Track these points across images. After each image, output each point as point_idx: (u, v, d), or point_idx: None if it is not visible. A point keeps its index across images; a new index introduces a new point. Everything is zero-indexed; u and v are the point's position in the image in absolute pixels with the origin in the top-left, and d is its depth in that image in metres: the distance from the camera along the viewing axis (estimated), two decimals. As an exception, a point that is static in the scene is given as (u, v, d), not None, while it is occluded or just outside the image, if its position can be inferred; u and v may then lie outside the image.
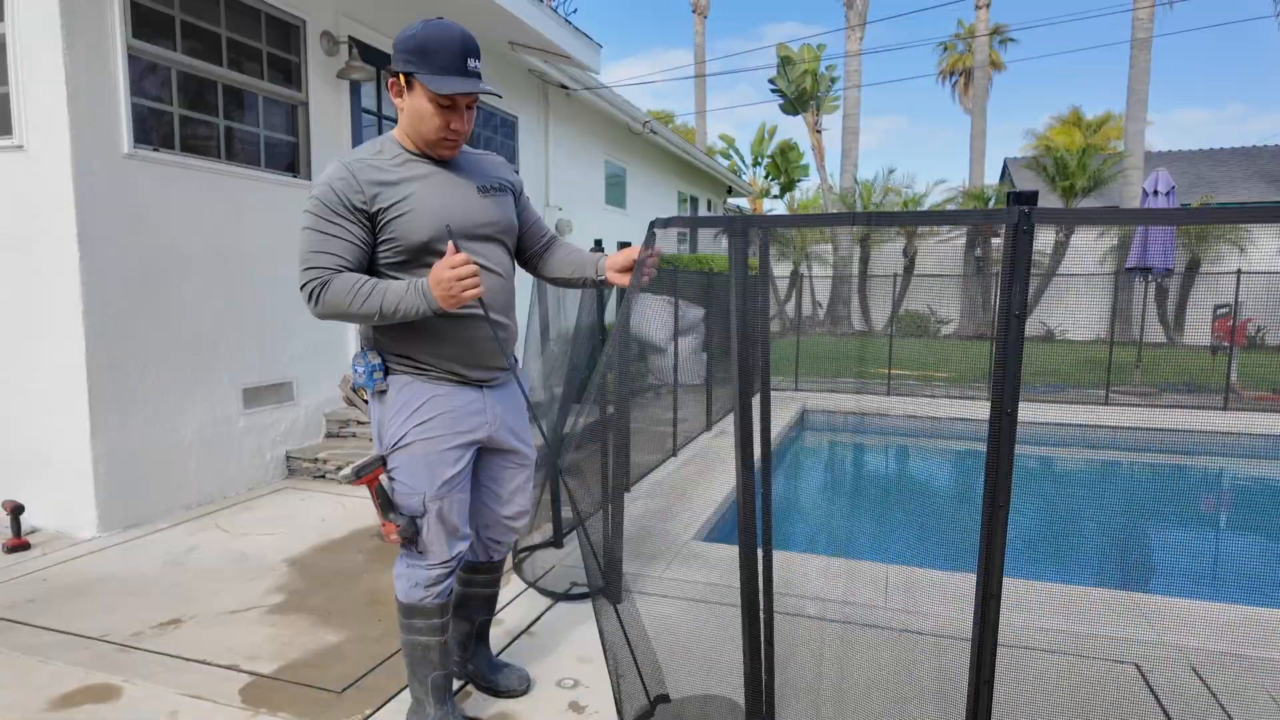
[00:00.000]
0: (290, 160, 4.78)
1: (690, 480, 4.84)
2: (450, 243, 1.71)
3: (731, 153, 19.37)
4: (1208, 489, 6.85)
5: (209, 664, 2.46)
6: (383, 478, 1.91)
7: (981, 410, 8.23)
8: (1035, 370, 10.84)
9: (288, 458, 4.68)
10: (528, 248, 2.14)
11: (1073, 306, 16.31)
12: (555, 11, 5.99)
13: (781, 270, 18.31)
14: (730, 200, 18.06)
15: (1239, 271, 9.33)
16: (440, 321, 1.83)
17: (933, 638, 2.69)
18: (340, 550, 3.52)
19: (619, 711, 2.17)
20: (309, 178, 4.85)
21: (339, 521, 3.91)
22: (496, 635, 2.67)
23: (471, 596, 2.24)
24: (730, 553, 3.61)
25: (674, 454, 5.36)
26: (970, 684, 1.49)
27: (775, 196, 22.06)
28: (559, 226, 8.03)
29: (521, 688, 2.29)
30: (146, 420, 3.83)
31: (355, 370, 1.89)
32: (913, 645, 2.63)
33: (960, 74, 29.78)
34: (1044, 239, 17.25)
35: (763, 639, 2.07)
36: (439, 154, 1.84)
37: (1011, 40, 26.47)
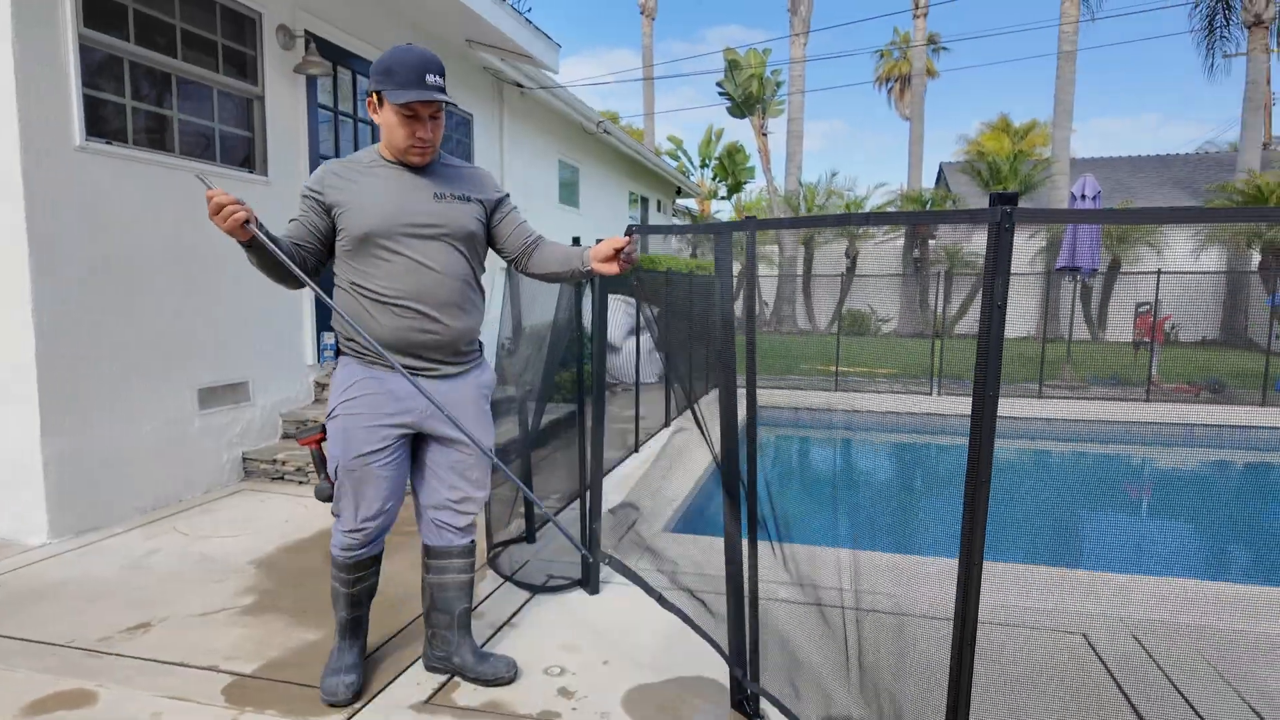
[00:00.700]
0: (246, 155, 4.68)
1: (655, 475, 4.92)
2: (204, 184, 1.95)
3: (680, 154, 19.59)
4: (1133, 474, 7.29)
5: (186, 666, 2.42)
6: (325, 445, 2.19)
7: (924, 404, 8.56)
8: (969, 366, 11.28)
9: (244, 459, 4.58)
10: (512, 252, 2.30)
11: (1010, 305, 17.00)
12: (516, 10, 5.99)
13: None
14: (679, 201, 18.24)
15: (1159, 272, 9.93)
16: (375, 309, 2.08)
17: (894, 616, 2.83)
18: (307, 550, 3.48)
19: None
20: (265, 173, 4.76)
21: (303, 522, 3.85)
22: (479, 628, 2.69)
23: (446, 584, 2.30)
24: (702, 542, 3.71)
25: (635, 450, 5.44)
26: (953, 656, 1.60)
27: (723, 198, 22.41)
28: (514, 225, 8.01)
29: (509, 674, 2.33)
30: (100, 421, 3.70)
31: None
32: (879, 624, 2.76)
33: (896, 80, 30.69)
34: (977, 241, 17.97)
35: (747, 615, 2.16)
36: (410, 160, 2.10)
37: (945, 49, 27.43)
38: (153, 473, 3.99)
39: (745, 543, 2.16)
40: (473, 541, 2.36)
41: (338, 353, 2.18)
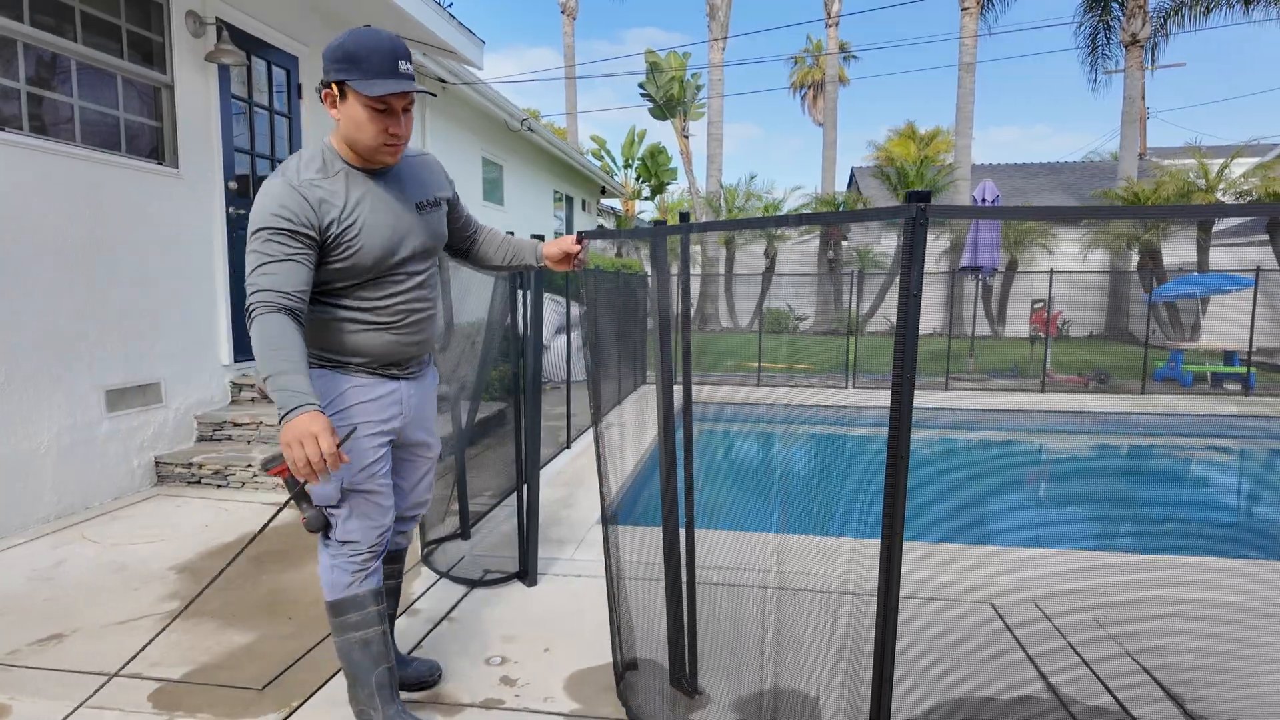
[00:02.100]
0: (154, 146, 4.47)
1: (587, 470, 4.97)
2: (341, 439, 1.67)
3: (604, 154, 19.66)
4: (1031, 460, 7.82)
5: (106, 674, 2.32)
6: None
7: (841, 397, 8.92)
8: (885, 361, 11.82)
9: (157, 464, 4.37)
10: (460, 244, 2.21)
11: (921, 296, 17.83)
12: (439, 4, 5.92)
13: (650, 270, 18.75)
14: (604, 201, 18.31)
15: (1051, 271, 10.64)
16: (367, 333, 1.85)
17: (820, 594, 2.98)
18: (231, 554, 3.37)
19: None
20: (175, 165, 4.56)
21: (224, 527, 3.72)
22: (415, 625, 2.70)
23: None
24: (638, 534, 3.79)
25: (568, 446, 5.47)
26: (877, 629, 1.72)
27: (646, 198, 22.63)
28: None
29: (434, 677, 2.30)
30: (-5, 426, 3.48)
31: None
32: (803, 603, 2.91)
33: (809, 87, 31.70)
34: (886, 243, 18.78)
35: (684, 606, 2.25)
36: (380, 160, 1.81)
37: (855, 57, 28.55)
38: (56, 479, 3.77)
39: (683, 531, 2.24)
40: None
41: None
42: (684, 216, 2.34)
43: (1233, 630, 2.71)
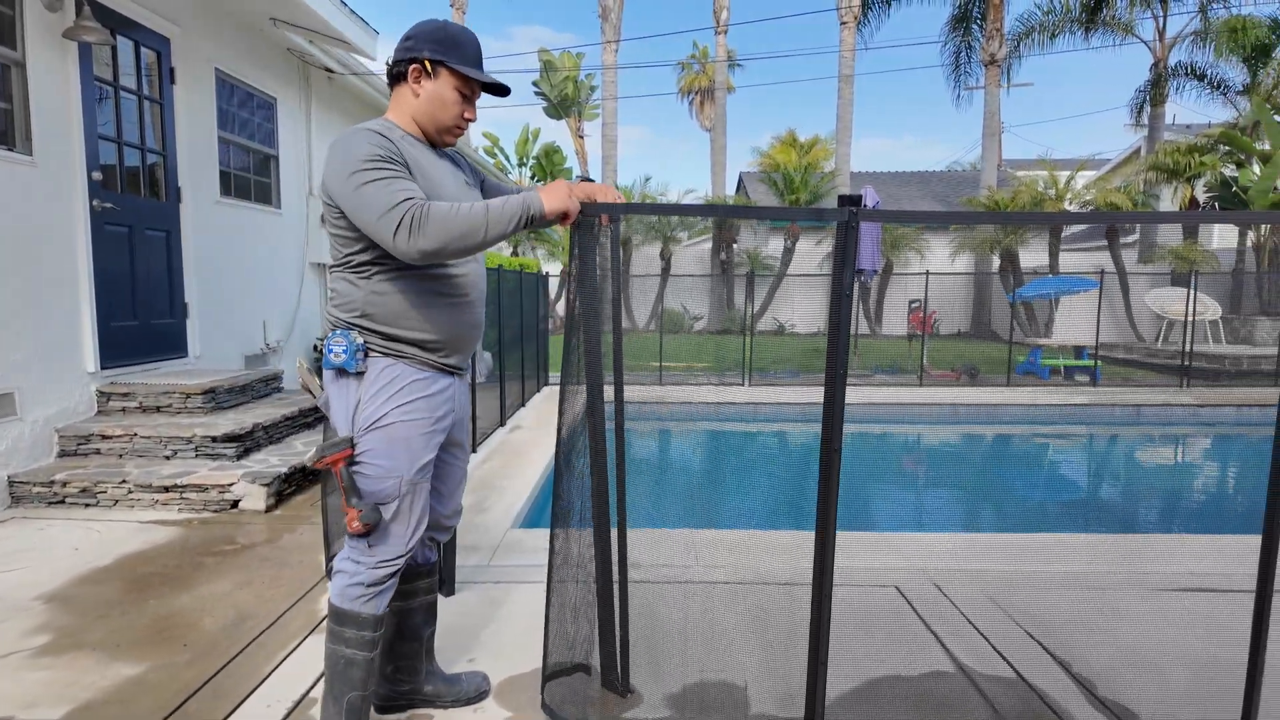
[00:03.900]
0: (3, 129, 4.01)
1: (497, 473, 4.88)
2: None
3: (497, 152, 19.31)
4: (908, 449, 8.33)
5: (-28, 721, 2.08)
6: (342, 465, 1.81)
7: (738, 394, 9.17)
8: (772, 359, 12.28)
9: (11, 483, 3.93)
10: None
11: (799, 305, 18.65)
12: (330, -8, 5.64)
13: (553, 269, 18.65)
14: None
15: (927, 273, 11.38)
16: (438, 302, 1.85)
17: (742, 586, 3.06)
18: (110, 580, 3.08)
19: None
20: (28, 151, 4.11)
21: (98, 549, 3.40)
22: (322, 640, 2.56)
23: (414, 609, 2.12)
24: (547, 537, 3.75)
25: (474, 449, 5.35)
26: (813, 612, 1.80)
27: (538, 197, 22.33)
28: (324, 218, 7.51)
29: (487, 686, 2.25)
30: None
31: (331, 350, 1.79)
32: (720, 595, 2.98)
33: (697, 93, 32.39)
34: (774, 246, 19.50)
35: (616, 607, 2.25)
36: (445, 141, 1.94)
37: (739, 66, 29.38)
38: (-112, 506, 3.32)
39: (615, 532, 2.25)
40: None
41: (366, 353, 1.81)
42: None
43: (1100, 597, 3.00)
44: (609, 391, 2.22)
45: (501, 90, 1.96)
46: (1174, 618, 2.82)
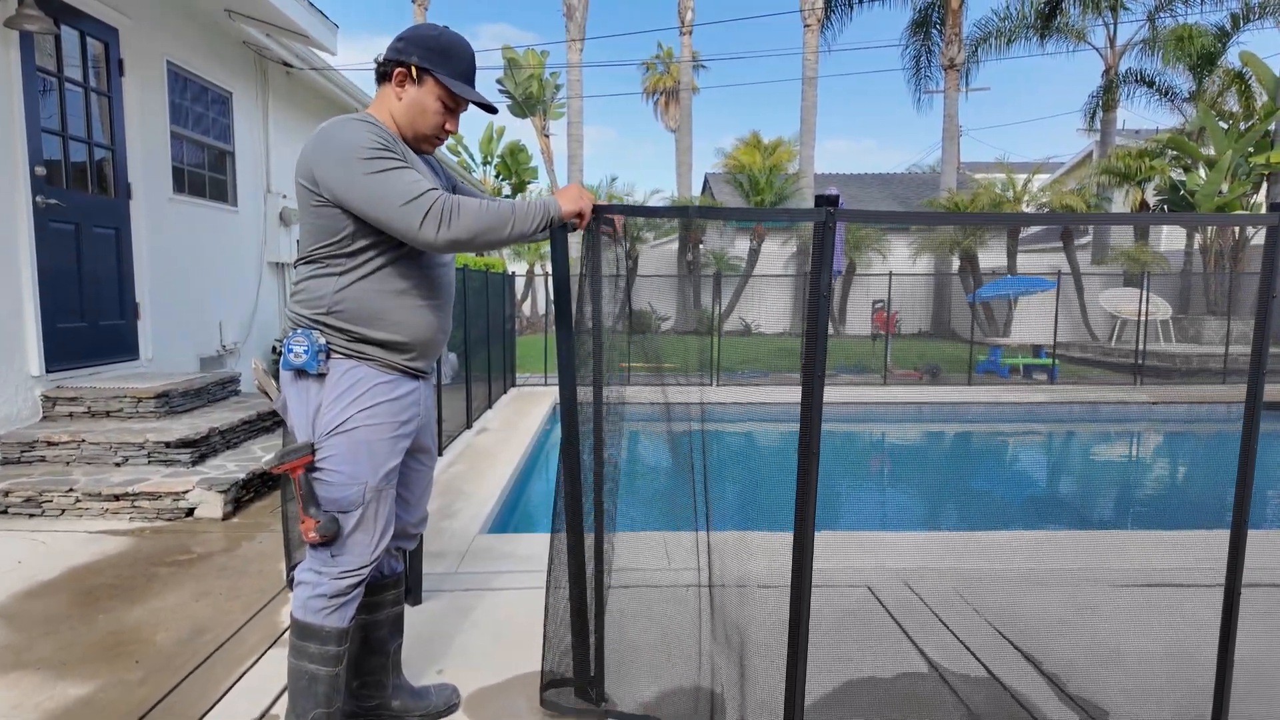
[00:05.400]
0: (-62, 122, 3.83)
1: (464, 477, 4.79)
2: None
3: (461, 149, 19.06)
4: (874, 448, 8.43)
5: (-95, 749, 1.96)
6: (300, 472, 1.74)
7: (708, 394, 9.18)
8: (740, 360, 12.33)
9: (-51, 494, 3.74)
10: None
11: (768, 304, 18.78)
12: (288, -17, 5.48)
13: (519, 269, 18.50)
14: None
15: (890, 274, 11.52)
16: (412, 303, 1.81)
17: (704, 589, 3.04)
18: (57, 593, 2.94)
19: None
20: (-34, 146, 3.93)
21: (43, 562, 3.25)
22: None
23: (380, 621, 2.04)
24: (518, 542, 3.70)
25: (440, 453, 5.24)
26: (791, 613, 1.78)
27: (507, 196, 22.20)
28: (283, 216, 7.34)
29: (456, 699, 2.18)
30: None
31: (291, 350, 1.72)
32: (692, 599, 2.95)
33: (662, 93, 32.43)
34: (740, 246, 19.60)
35: (591, 613, 2.21)
36: (423, 149, 1.88)
37: (703, 67, 29.49)
38: None
39: (591, 537, 2.21)
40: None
41: (328, 354, 1.75)
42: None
43: (1066, 593, 3.04)
44: (617, 392, 2.24)
45: (489, 109, 1.95)
46: (1138, 613, 2.87)
